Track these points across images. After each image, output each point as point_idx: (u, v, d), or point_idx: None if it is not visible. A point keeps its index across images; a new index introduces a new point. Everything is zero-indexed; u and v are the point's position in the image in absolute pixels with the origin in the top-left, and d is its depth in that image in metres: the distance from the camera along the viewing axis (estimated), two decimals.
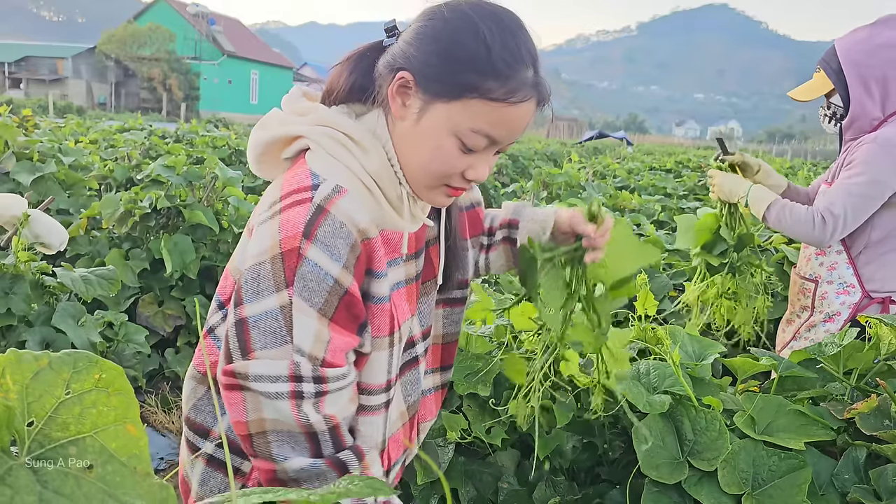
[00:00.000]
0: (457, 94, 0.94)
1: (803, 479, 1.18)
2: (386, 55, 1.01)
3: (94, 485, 0.46)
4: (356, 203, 0.96)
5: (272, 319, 0.92)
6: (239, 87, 49.38)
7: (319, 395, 0.94)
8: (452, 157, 0.99)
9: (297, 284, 0.91)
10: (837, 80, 2.03)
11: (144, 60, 43.24)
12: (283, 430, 0.93)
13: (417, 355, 1.17)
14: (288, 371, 0.92)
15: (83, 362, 0.49)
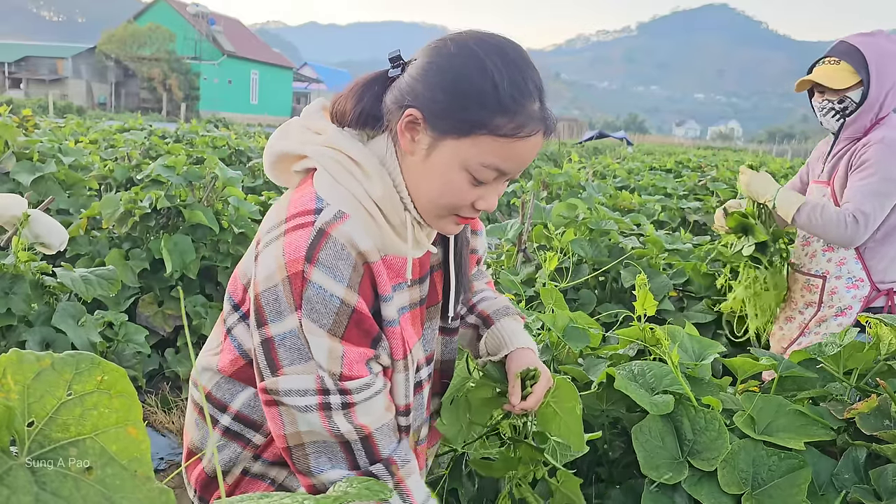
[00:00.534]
0: (466, 131, 0.95)
1: (803, 479, 1.18)
2: (394, 89, 1.01)
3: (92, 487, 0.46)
4: (358, 228, 0.98)
5: (294, 338, 0.96)
6: (239, 87, 49.37)
7: (347, 406, 0.97)
8: (462, 191, 1.00)
9: (304, 307, 0.94)
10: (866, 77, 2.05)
11: (144, 60, 43.22)
12: (319, 441, 0.97)
13: (422, 380, 1.19)
14: (315, 385, 0.96)
15: (85, 364, 0.49)
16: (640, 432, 1.29)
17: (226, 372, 1.12)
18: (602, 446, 1.53)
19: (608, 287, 3.23)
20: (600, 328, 1.76)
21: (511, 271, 3.13)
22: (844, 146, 2.17)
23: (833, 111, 2.13)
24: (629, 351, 1.66)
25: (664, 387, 1.36)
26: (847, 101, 2.09)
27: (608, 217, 3.47)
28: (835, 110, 2.12)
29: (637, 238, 3.46)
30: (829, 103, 2.12)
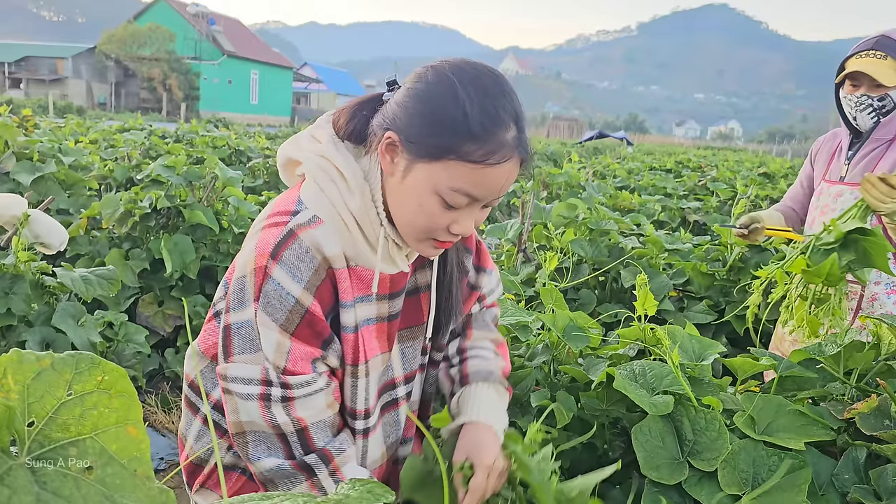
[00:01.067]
0: (437, 156, 0.97)
1: (803, 479, 1.18)
2: (380, 112, 1.05)
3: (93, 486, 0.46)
4: (329, 234, 1.03)
5: (249, 328, 1.02)
6: (239, 87, 49.37)
7: (286, 399, 1.02)
8: (435, 214, 1.02)
9: (261, 300, 1.00)
10: None
11: (144, 60, 43.23)
12: (259, 431, 1.03)
13: (398, 397, 1.22)
14: (260, 375, 1.01)
15: (85, 363, 0.49)
16: (640, 432, 1.29)
17: (208, 354, 1.16)
18: (602, 446, 1.53)
19: (608, 287, 3.24)
20: (600, 328, 1.76)
21: (511, 271, 3.13)
22: (875, 147, 2.06)
23: (871, 108, 2.02)
24: (629, 351, 1.66)
25: (664, 387, 1.36)
26: (887, 100, 2.00)
27: (608, 217, 3.47)
28: (872, 107, 2.02)
29: (637, 238, 3.46)
30: (867, 98, 2.01)
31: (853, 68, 1.99)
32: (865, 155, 2.09)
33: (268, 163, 6.61)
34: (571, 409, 1.48)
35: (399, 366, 1.21)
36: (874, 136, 2.06)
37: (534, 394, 1.49)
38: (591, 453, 1.56)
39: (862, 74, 1.99)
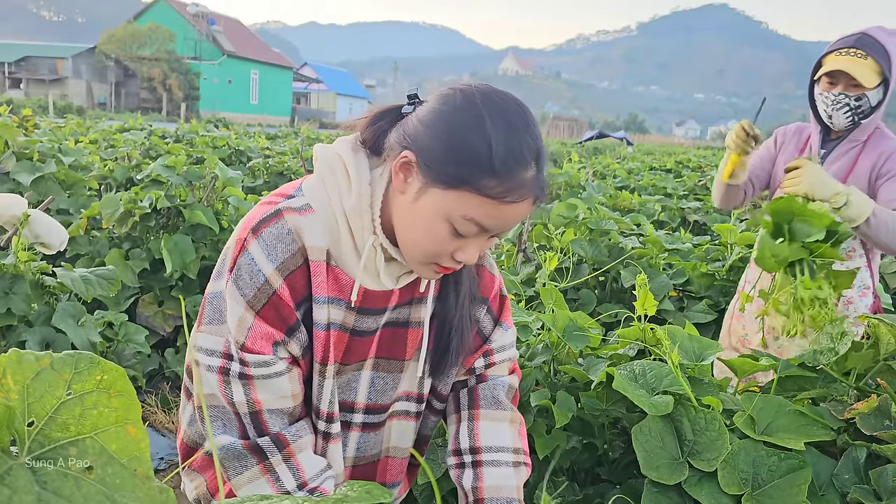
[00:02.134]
0: (453, 185, 0.95)
1: (803, 479, 1.18)
2: (399, 128, 1.02)
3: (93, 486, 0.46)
4: (315, 225, 1.02)
5: (219, 299, 1.04)
6: (239, 87, 49.37)
7: (244, 377, 1.01)
8: (443, 240, 0.99)
9: (234, 272, 1.01)
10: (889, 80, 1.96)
11: (144, 60, 43.23)
12: (217, 406, 1.03)
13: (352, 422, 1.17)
14: (223, 347, 1.02)
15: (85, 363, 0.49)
16: (640, 432, 1.29)
17: None
18: (602, 446, 1.53)
19: (608, 287, 3.24)
20: (600, 328, 1.76)
21: (511, 271, 3.13)
22: (851, 147, 2.05)
23: (847, 107, 1.98)
24: (629, 351, 1.66)
25: (664, 387, 1.36)
26: (864, 101, 1.97)
27: (608, 217, 3.47)
28: (849, 107, 1.98)
29: (637, 238, 3.46)
30: (844, 98, 1.97)
31: (833, 66, 1.95)
32: (842, 154, 2.06)
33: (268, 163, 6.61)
34: (571, 409, 1.48)
35: (364, 392, 1.15)
36: (852, 136, 2.05)
37: (534, 394, 1.49)
38: (591, 453, 1.56)
39: (840, 73, 1.95)
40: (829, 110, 2.02)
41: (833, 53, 1.98)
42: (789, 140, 2.21)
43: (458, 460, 1.20)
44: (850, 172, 2.03)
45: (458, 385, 1.27)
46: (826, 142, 2.12)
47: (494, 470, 1.17)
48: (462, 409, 1.24)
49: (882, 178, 1.98)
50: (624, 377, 1.37)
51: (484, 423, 1.21)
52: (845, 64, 1.93)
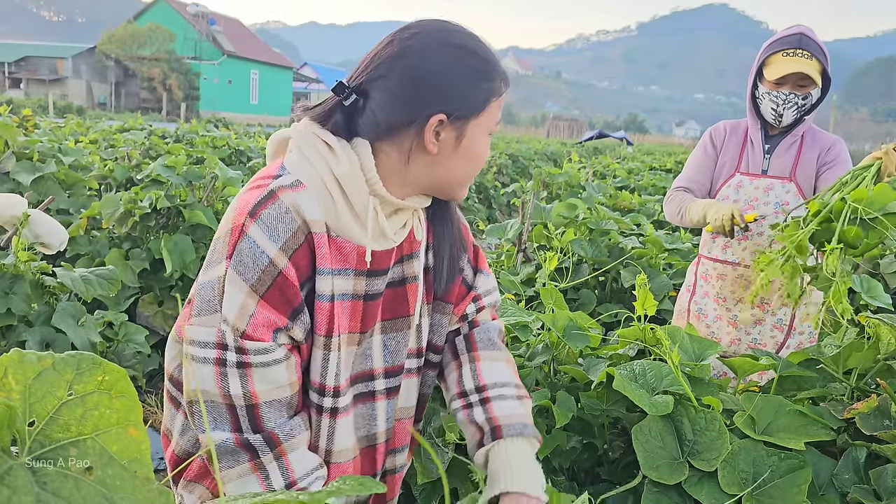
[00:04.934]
0: (484, 106, 1.07)
1: (803, 479, 1.18)
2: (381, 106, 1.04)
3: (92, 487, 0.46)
4: (311, 199, 1.02)
5: (210, 288, 1.00)
6: (239, 87, 49.36)
7: (242, 366, 0.99)
8: (487, 151, 1.13)
9: (234, 258, 0.98)
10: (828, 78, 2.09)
11: (144, 60, 43.23)
12: (209, 401, 1.00)
13: (375, 391, 1.17)
14: (215, 338, 0.99)
15: (87, 364, 0.49)
16: (640, 432, 1.29)
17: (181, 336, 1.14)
18: (602, 446, 1.53)
19: (608, 287, 3.24)
20: (600, 328, 1.76)
21: (511, 271, 3.13)
22: (793, 142, 2.18)
23: (796, 106, 2.10)
24: (629, 351, 1.66)
25: (664, 387, 1.36)
26: (808, 99, 2.10)
27: (608, 217, 3.47)
28: (797, 105, 2.10)
29: (637, 238, 3.46)
30: (794, 97, 2.09)
31: (787, 68, 2.04)
32: (786, 149, 2.18)
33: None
34: (571, 409, 1.48)
35: (380, 357, 1.17)
36: (795, 131, 2.17)
37: (534, 393, 1.49)
38: (591, 453, 1.56)
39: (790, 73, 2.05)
40: (780, 109, 2.12)
41: (779, 54, 2.08)
42: (727, 138, 2.29)
43: (465, 401, 1.23)
44: (797, 164, 2.16)
45: (452, 335, 1.31)
46: (767, 138, 2.22)
47: (502, 402, 1.21)
48: (461, 354, 1.28)
49: (825, 165, 2.14)
50: (624, 377, 1.37)
51: (484, 364, 1.25)
52: (797, 66, 2.03)
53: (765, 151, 2.20)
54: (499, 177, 10.75)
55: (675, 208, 2.28)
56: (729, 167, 2.24)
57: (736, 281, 2.23)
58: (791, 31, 2.10)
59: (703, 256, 2.35)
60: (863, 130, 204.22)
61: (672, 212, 2.31)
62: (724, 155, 2.27)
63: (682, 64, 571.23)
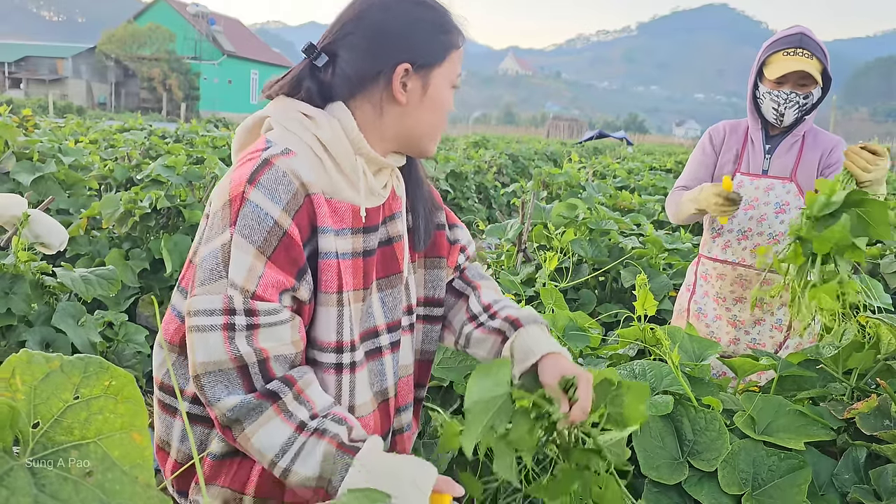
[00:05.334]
0: (445, 55, 1.15)
1: (803, 479, 1.18)
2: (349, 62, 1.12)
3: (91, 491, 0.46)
4: (303, 164, 1.07)
5: (213, 258, 1.02)
6: (239, 87, 49.36)
7: (251, 328, 1.00)
8: (451, 103, 1.19)
9: (238, 223, 1.01)
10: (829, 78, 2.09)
11: (144, 60, 43.23)
12: (215, 371, 1.00)
13: (381, 346, 1.22)
14: (222, 304, 1.00)
15: (94, 368, 0.49)
16: (641, 432, 1.29)
17: (173, 341, 1.14)
18: None
19: (608, 287, 3.24)
20: (600, 328, 1.76)
21: (511, 271, 3.13)
22: (794, 141, 2.17)
23: (797, 105, 2.09)
24: (629, 351, 1.66)
25: (664, 387, 1.37)
26: (809, 99, 2.09)
27: (608, 217, 3.47)
28: (798, 104, 2.09)
29: (637, 238, 3.46)
30: (795, 96, 2.08)
31: (788, 67, 2.03)
32: (787, 149, 2.17)
33: None
34: None
35: (381, 314, 1.21)
36: (795, 131, 2.16)
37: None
38: None
39: (791, 72, 2.04)
40: (781, 108, 2.11)
41: (780, 54, 2.07)
42: (727, 138, 2.28)
43: (477, 322, 1.34)
44: (798, 164, 2.15)
45: (448, 285, 1.41)
46: (768, 138, 2.22)
47: (510, 308, 1.34)
48: (464, 291, 1.40)
49: (829, 168, 2.13)
50: (624, 377, 1.37)
51: (484, 290, 1.39)
52: (798, 64, 2.02)
53: (765, 151, 2.20)
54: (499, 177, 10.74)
55: (673, 208, 2.30)
56: (729, 167, 2.24)
57: (736, 280, 2.23)
58: (791, 31, 2.10)
59: (704, 256, 2.35)
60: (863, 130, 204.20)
61: (672, 212, 2.32)
62: (723, 155, 2.27)
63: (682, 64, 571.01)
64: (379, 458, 0.97)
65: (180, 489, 1.18)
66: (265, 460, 0.99)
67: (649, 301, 1.54)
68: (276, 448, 0.99)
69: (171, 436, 1.17)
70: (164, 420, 1.19)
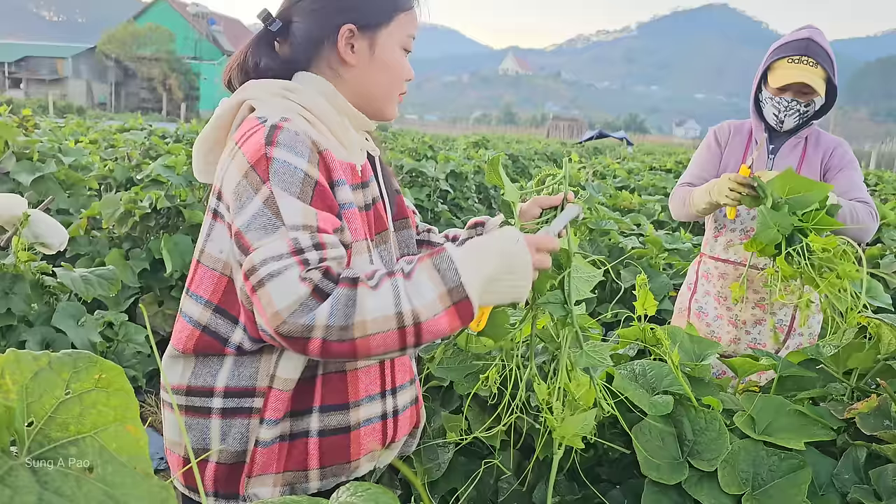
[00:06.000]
0: (391, 16, 1.18)
1: (803, 479, 1.18)
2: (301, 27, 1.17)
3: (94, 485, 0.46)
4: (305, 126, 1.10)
5: (259, 216, 1.01)
6: None
7: (321, 261, 1.00)
8: (403, 65, 1.22)
9: (272, 179, 1.02)
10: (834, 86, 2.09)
11: (144, 60, 43.28)
12: (298, 308, 0.95)
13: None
14: (288, 248, 0.99)
15: (83, 362, 0.49)
16: (640, 432, 1.29)
17: (189, 350, 1.12)
18: (602, 446, 1.53)
19: (608, 287, 3.24)
20: (600, 328, 1.76)
21: None
22: (795, 144, 2.19)
23: (798, 113, 2.11)
24: (629, 351, 1.66)
25: (664, 387, 1.36)
26: (811, 106, 2.10)
27: (608, 217, 3.47)
28: (799, 112, 2.10)
29: (637, 238, 3.46)
30: (796, 104, 2.09)
31: (790, 78, 2.03)
32: (790, 150, 2.20)
33: None
34: None
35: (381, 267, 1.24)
36: (799, 133, 2.19)
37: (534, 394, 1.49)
38: (591, 453, 1.56)
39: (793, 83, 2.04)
40: (781, 115, 2.12)
41: (784, 60, 2.06)
42: (732, 138, 2.29)
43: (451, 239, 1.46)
44: (802, 166, 2.17)
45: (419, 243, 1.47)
46: (772, 138, 2.23)
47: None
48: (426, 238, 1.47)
49: (831, 170, 2.16)
50: (624, 377, 1.37)
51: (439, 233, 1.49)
52: (800, 74, 2.02)
53: (769, 151, 2.21)
54: None
55: (679, 203, 2.27)
56: (733, 166, 2.24)
57: (738, 280, 2.22)
58: (800, 34, 2.08)
59: (705, 255, 2.35)
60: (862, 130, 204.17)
61: (677, 207, 2.30)
62: (728, 154, 2.27)
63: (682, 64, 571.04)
64: (464, 246, 1.03)
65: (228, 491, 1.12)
66: (391, 324, 0.96)
67: (649, 301, 1.54)
68: (391, 304, 0.96)
69: (209, 438, 1.12)
70: (197, 426, 1.12)
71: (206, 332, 1.11)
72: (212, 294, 1.12)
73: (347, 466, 1.16)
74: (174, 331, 1.17)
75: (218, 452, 1.11)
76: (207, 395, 1.12)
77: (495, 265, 1.01)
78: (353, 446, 1.14)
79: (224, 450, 1.11)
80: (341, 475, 1.16)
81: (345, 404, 1.14)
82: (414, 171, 6.65)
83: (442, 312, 0.97)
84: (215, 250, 1.12)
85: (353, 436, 1.14)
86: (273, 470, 1.11)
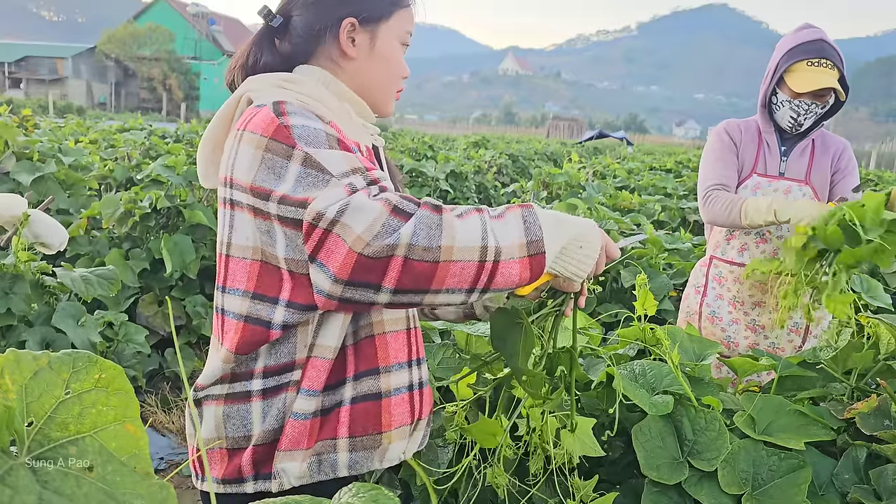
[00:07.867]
0: (392, 11, 1.20)
1: (803, 479, 1.18)
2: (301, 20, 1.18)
3: (94, 485, 0.46)
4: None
5: (304, 177, 0.99)
6: None
7: (382, 189, 1.00)
8: (400, 61, 1.24)
9: (300, 142, 1.01)
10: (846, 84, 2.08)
11: (144, 60, 43.29)
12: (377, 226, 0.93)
13: None
14: (345, 192, 0.97)
15: (82, 362, 0.49)
16: (640, 432, 1.29)
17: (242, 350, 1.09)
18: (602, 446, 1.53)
19: (608, 287, 3.24)
20: (600, 328, 1.76)
21: None
22: (805, 145, 2.19)
23: (815, 115, 2.11)
24: (629, 351, 1.66)
25: (664, 387, 1.36)
26: (826, 107, 2.11)
27: (608, 217, 3.47)
28: (816, 115, 2.11)
29: None
30: (815, 106, 2.08)
31: (820, 83, 1.99)
32: (801, 152, 2.20)
33: None
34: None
35: None
36: (809, 135, 2.19)
37: None
38: None
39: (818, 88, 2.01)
40: (801, 118, 2.11)
41: (803, 63, 2.03)
42: (743, 136, 2.26)
43: None
44: (812, 167, 2.18)
45: None
46: (783, 140, 2.23)
47: None
48: None
49: (839, 173, 2.18)
50: (624, 377, 1.37)
51: None
52: (824, 79, 2.00)
53: (781, 154, 2.20)
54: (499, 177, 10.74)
55: (723, 209, 2.10)
56: (746, 167, 2.21)
57: (754, 284, 2.19)
58: (809, 35, 2.05)
59: (716, 258, 2.29)
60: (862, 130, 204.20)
61: (719, 212, 2.11)
62: (742, 153, 2.24)
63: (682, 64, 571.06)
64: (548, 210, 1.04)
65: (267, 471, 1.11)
66: (474, 254, 0.94)
67: (649, 301, 1.54)
68: (478, 236, 0.95)
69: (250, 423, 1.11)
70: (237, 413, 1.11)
71: (249, 322, 1.09)
72: (247, 283, 1.10)
73: (378, 439, 1.12)
74: (221, 332, 1.14)
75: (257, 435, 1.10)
76: (248, 379, 1.11)
77: (571, 236, 1.03)
78: (384, 415, 1.12)
79: (264, 430, 1.10)
80: (372, 452, 1.12)
81: (375, 369, 1.13)
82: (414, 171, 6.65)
83: (518, 259, 0.97)
84: (241, 239, 1.09)
85: (384, 403, 1.13)
86: (304, 446, 1.09)
